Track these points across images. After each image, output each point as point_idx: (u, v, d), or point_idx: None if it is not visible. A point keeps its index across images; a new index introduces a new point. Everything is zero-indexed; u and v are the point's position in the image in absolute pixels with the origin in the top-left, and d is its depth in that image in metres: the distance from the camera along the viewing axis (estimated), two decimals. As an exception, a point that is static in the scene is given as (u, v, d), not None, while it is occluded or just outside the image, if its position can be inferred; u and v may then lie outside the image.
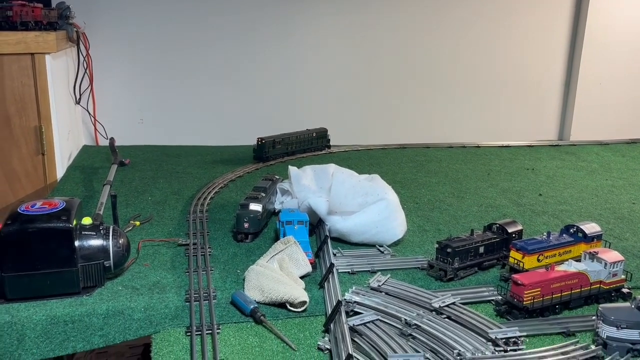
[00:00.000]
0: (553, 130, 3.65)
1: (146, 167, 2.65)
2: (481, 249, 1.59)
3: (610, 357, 1.16)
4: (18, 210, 1.38)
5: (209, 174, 2.52)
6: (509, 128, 3.56)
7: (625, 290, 1.47)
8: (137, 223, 1.90)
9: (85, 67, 2.85)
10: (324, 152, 2.99)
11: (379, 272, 1.51)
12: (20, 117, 2.28)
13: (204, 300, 1.37)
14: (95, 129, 2.98)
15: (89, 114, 2.93)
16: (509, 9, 3.41)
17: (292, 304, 1.36)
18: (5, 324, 1.26)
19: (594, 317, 1.31)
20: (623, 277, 1.46)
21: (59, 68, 2.48)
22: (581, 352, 1.16)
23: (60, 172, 2.42)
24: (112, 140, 2.65)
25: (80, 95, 2.84)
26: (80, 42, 2.77)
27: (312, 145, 2.95)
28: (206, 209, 2.07)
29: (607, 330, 1.22)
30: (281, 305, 1.38)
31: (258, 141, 2.72)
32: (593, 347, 1.21)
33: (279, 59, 3.20)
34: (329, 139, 3.04)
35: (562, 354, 1.14)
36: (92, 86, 2.93)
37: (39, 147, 2.33)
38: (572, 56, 3.55)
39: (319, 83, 3.28)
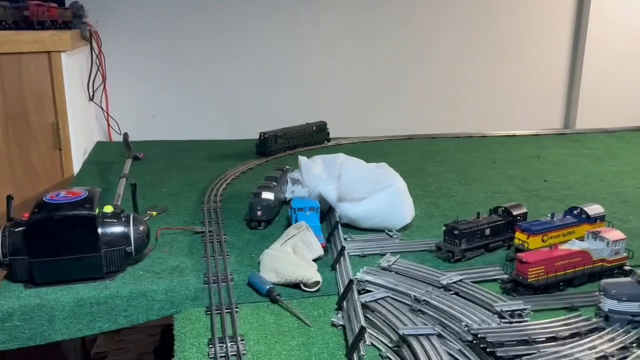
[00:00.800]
0: (558, 119, 3.68)
1: (159, 160, 2.71)
2: (487, 231, 1.64)
3: (611, 328, 1.21)
4: (44, 199, 1.45)
5: (220, 167, 2.58)
6: (514, 118, 3.59)
7: (627, 268, 1.52)
8: (154, 213, 1.97)
9: (98, 64, 2.92)
10: (324, 145, 3.01)
11: (389, 253, 1.56)
12: (38, 113, 2.36)
13: (222, 282, 1.44)
14: (109, 125, 3.06)
15: (103, 110, 3.00)
16: (514, 5, 3.45)
17: (306, 284, 1.42)
18: (36, 306, 1.33)
19: (596, 293, 1.36)
20: (625, 255, 1.51)
21: (73, 66, 2.55)
22: (584, 323, 1.21)
23: (76, 167, 2.49)
24: (126, 135, 2.72)
25: (93, 92, 2.92)
26: (93, 40, 2.83)
27: (312, 139, 2.98)
28: (219, 199, 2.13)
29: (608, 304, 1.27)
30: (295, 285, 1.44)
31: (260, 136, 2.75)
32: (595, 319, 1.26)
33: (286, 53, 3.26)
34: (329, 132, 3.06)
35: (565, 324, 1.19)
36: (104, 83, 3.00)
37: (56, 142, 2.40)
38: (577, 45, 3.58)
39: (325, 76, 3.34)
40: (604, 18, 3.48)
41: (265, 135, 2.74)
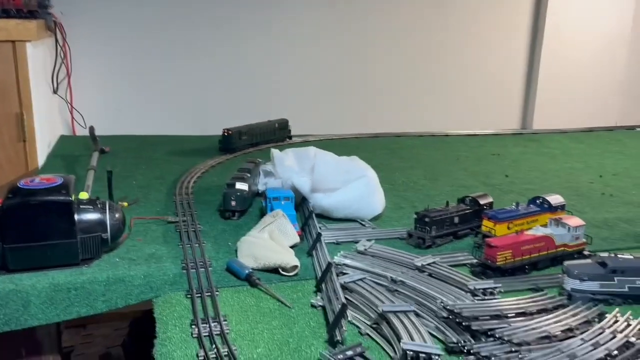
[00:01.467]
0: (516, 119, 3.83)
1: (126, 154, 2.69)
2: (456, 219, 1.71)
3: (574, 305, 1.29)
4: (18, 185, 1.43)
5: (188, 161, 2.57)
6: (475, 118, 3.72)
7: (586, 252, 1.61)
8: (125, 204, 1.95)
9: (62, 57, 2.87)
10: (286, 142, 2.99)
11: (364, 239, 1.61)
12: (1, 104, 2.30)
13: (201, 268, 1.45)
14: (73, 118, 3.00)
15: (67, 103, 2.95)
16: (475, 5, 3.57)
17: (284, 269, 1.45)
18: (10, 291, 1.31)
19: (560, 275, 1.44)
20: (584, 240, 1.60)
21: (38, 57, 2.50)
22: (550, 300, 1.29)
23: (41, 159, 2.44)
24: (92, 128, 2.68)
25: (57, 84, 2.86)
26: (58, 32, 2.79)
27: (275, 136, 2.96)
28: (191, 191, 2.13)
29: (571, 283, 1.35)
30: (274, 270, 1.47)
31: (224, 132, 2.71)
32: (559, 298, 1.34)
33: (255, 50, 3.27)
34: (290, 130, 3.05)
35: (533, 301, 1.26)
36: (69, 76, 2.95)
37: (20, 134, 2.35)
38: (534, 50, 3.74)
39: (291, 74, 3.38)
40: (559, 27, 3.65)
41: (230, 132, 2.71)
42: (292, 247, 1.60)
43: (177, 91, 3.20)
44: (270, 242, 1.53)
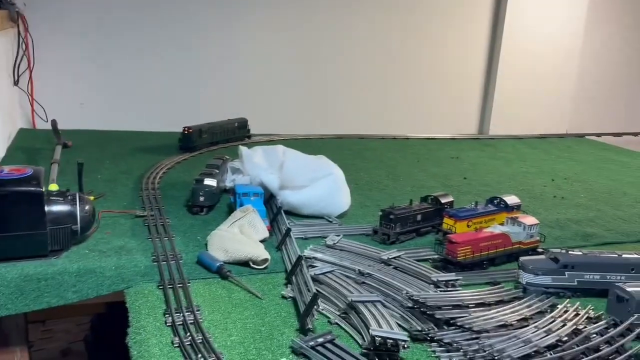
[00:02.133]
0: (473, 124, 3.97)
1: (89, 149, 2.66)
2: (419, 217, 1.79)
3: (528, 297, 1.37)
4: (-14, 175, 1.42)
5: (153, 157, 2.57)
6: (434, 122, 3.83)
7: (539, 250, 1.71)
8: (92, 198, 1.94)
9: (24, 48, 2.82)
10: (245, 142, 2.95)
11: (333, 234, 1.66)
12: (-39, 94, 2.25)
13: (171, 260, 1.47)
14: (33, 111, 2.95)
15: (28, 96, 2.90)
16: (435, 14, 3.69)
17: (254, 262, 1.49)
18: (-21, 282, 1.31)
19: (515, 270, 1.53)
20: (538, 238, 1.70)
21: (2, 47, 2.46)
22: (506, 292, 1.37)
23: (1, 152, 2.40)
24: (54, 121, 2.64)
25: (18, 76, 2.81)
26: (20, 23, 2.74)
27: (234, 135, 2.93)
28: (157, 186, 2.14)
29: (526, 277, 1.44)
30: (244, 263, 1.50)
31: (184, 130, 2.65)
32: (515, 291, 1.42)
33: (216, 49, 3.29)
34: (249, 129, 3.04)
35: (492, 293, 1.34)
36: (30, 68, 2.89)
37: (-19, 125, 2.31)
38: (492, 59, 3.89)
39: (256, 74, 3.40)
40: (515, 38, 3.82)
41: (190, 130, 2.65)
42: (261, 241, 1.64)
43: (141, 87, 3.19)
44: (241, 236, 1.57)
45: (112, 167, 2.40)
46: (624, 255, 1.48)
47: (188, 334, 1.14)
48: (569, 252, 1.48)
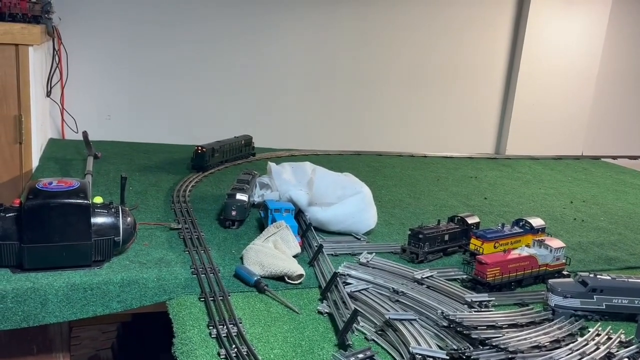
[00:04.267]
0: (490, 144, 4.01)
1: (118, 160, 2.73)
2: (446, 237, 1.83)
3: (558, 319, 1.41)
4: (37, 186, 1.48)
5: (180, 170, 2.64)
6: (452, 141, 3.88)
7: (565, 272, 1.75)
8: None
9: (57, 61, 2.90)
10: (250, 159, 2.95)
11: (365, 251, 1.71)
12: (1, 105, 2.33)
13: (210, 273, 1.52)
14: (63, 121, 3.03)
15: (60, 107, 2.97)
16: (456, 35, 3.76)
17: (290, 277, 1.54)
18: (29, 289, 1.36)
19: (543, 292, 1.57)
20: (564, 261, 1.74)
21: (37, 60, 2.53)
22: (537, 314, 1.41)
23: (35, 162, 2.47)
24: (85, 133, 2.71)
25: (51, 88, 2.89)
26: (55, 37, 2.82)
27: (241, 153, 2.90)
28: (188, 199, 2.20)
29: (555, 300, 1.48)
30: (279, 278, 1.55)
31: (198, 149, 2.60)
32: (544, 312, 1.46)
33: (243, 65, 3.36)
34: (254, 146, 3.00)
35: (523, 314, 1.38)
36: (62, 80, 2.97)
37: (17, 136, 2.38)
38: (509, 80, 3.94)
39: (282, 90, 3.47)
40: (534, 60, 3.86)
41: (203, 150, 2.60)
42: (294, 256, 1.69)
43: (170, 101, 3.26)
44: (276, 250, 1.62)
45: (141, 179, 2.46)
46: (650, 280, 1.51)
47: (233, 346, 1.19)
48: (597, 276, 1.51)
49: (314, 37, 3.47)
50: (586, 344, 1.25)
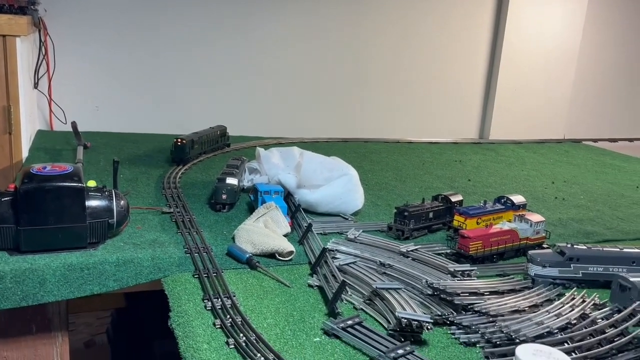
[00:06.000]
0: (474, 129, 4.09)
1: (107, 150, 2.75)
2: (431, 214, 1.89)
3: (537, 287, 1.48)
4: (31, 171, 1.51)
5: (169, 158, 2.66)
6: (436, 127, 3.95)
7: (545, 246, 1.82)
8: (118, 195, 2.04)
9: (44, 53, 2.92)
10: (226, 150, 2.88)
11: (353, 228, 1.76)
12: (-11, 96, 2.35)
13: (203, 252, 1.57)
14: (51, 113, 3.04)
15: (48, 98, 2.99)
16: (438, 23, 3.82)
17: (280, 254, 1.59)
18: (26, 270, 1.40)
19: (523, 264, 1.64)
20: (544, 234, 1.81)
21: (24, 52, 2.55)
22: (517, 282, 1.48)
23: (25, 152, 2.49)
24: (74, 123, 2.74)
25: (38, 79, 2.91)
26: (41, 28, 2.84)
27: (217, 145, 2.84)
28: (179, 185, 2.24)
29: (535, 269, 1.55)
30: (270, 255, 1.60)
31: (177, 142, 2.51)
32: (524, 281, 1.53)
33: (231, 54, 3.39)
34: (229, 137, 2.95)
35: (503, 283, 1.45)
36: (48, 72, 2.99)
37: (7, 126, 2.40)
38: (492, 66, 4.01)
39: (269, 79, 3.51)
40: (515, 45, 3.93)
41: (183, 141, 2.51)
42: (284, 236, 1.74)
43: (157, 91, 3.28)
44: (267, 230, 1.67)
45: (131, 167, 2.49)
46: (625, 250, 1.59)
47: (228, 316, 1.24)
48: (575, 246, 1.58)
49: (301, 26, 3.51)
50: (562, 307, 1.32)
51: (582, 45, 4.13)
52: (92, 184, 1.60)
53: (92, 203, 1.55)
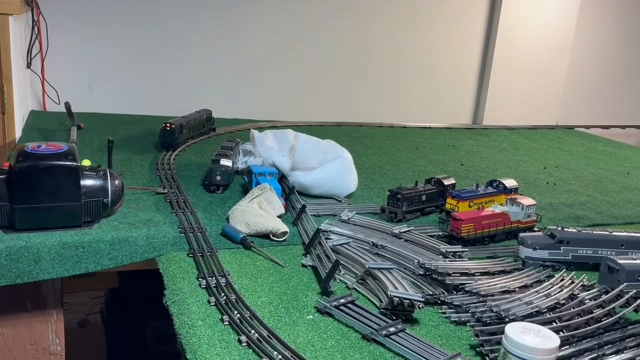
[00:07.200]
0: (468, 115, 4.10)
1: (101, 131, 2.75)
2: (424, 197, 1.91)
3: (527, 269, 1.50)
4: (26, 149, 1.51)
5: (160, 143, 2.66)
6: (431, 112, 3.96)
7: (535, 229, 1.84)
8: (112, 176, 2.04)
9: (37, 32, 2.89)
10: (211, 135, 2.83)
11: (347, 210, 1.78)
12: (-18, 75, 2.33)
13: (197, 232, 1.58)
14: (44, 93, 3.02)
15: (40, 78, 2.97)
16: (433, 8, 3.81)
17: (274, 234, 1.60)
18: (22, 248, 1.40)
19: (514, 247, 1.66)
20: (535, 218, 1.83)
21: (17, 30, 2.53)
22: (508, 264, 1.50)
23: (18, 132, 2.48)
24: (67, 104, 2.72)
25: (31, 59, 2.88)
26: (34, 7, 2.81)
27: (203, 129, 2.78)
28: (173, 166, 2.24)
29: (525, 251, 1.57)
30: (265, 236, 1.62)
31: (165, 126, 2.42)
32: (514, 263, 1.55)
33: (221, 37, 3.37)
34: (214, 121, 2.89)
35: (494, 264, 1.47)
36: (41, 51, 2.97)
37: (0, 106, 2.38)
38: (486, 53, 4.02)
39: (262, 63, 3.50)
40: (510, 32, 3.95)
41: (172, 126, 2.43)
42: (278, 217, 1.75)
43: (151, 72, 3.27)
44: (261, 210, 1.68)
45: (125, 148, 2.49)
46: (614, 233, 1.61)
47: (222, 294, 1.25)
48: (565, 229, 1.61)
49: (297, 9, 3.50)
50: (551, 287, 1.34)
51: (577, 32, 4.14)
52: (86, 163, 1.60)
53: (86, 182, 1.55)
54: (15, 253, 1.39)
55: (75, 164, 1.51)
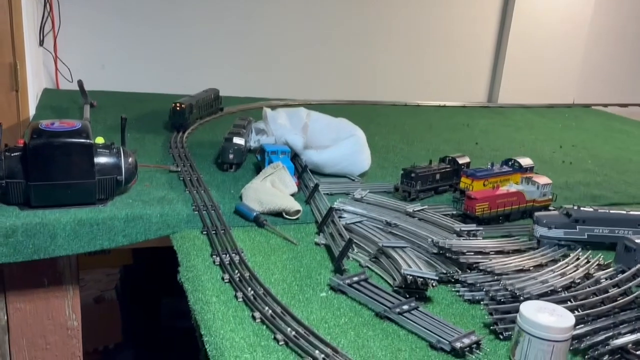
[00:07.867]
0: (483, 93, 4.05)
1: (114, 109, 2.74)
2: (438, 176, 1.89)
3: (542, 248, 1.49)
4: (40, 127, 1.51)
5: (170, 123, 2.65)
6: (445, 90, 3.91)
7: (551, 208, 1.82)
8: (125, 153, 2.04)
9: (49, 9, 2.88)
10: (219, 115, 2.77)
11: (360, 188, 1.77)
12: (-4, 52, 2.33)
13: (211, 210, 1.58)
14: (57, 71, 3.03)
15: (53, 56, 2.97)
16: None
17: (287, 213, 1.60)
18: (37, 224, 1.42)
19: (529, 226, 1.64)
20: (550, 197, 1.81)
21: (30, 7, 2.52)
22: (523, 243, 1.49)
23: (32, 110, 2.49)
24: (80, 82, 2.72)
25: (43, 37, 2.88)
26: (45, -16, 2.80)
27: (212, 109, 2.71)
28: (185, 144, 2.24)
29: (540, 230, 1.55)
30: (277, 214, 1.61)
31: (175, 106, 2.35)
32: (529, 242, 1.54)
33: (237, 15, 3.34)
34: (221, 100, 2.83)
35: (508, 243, 1.46)
36: (54, 29, 2.96)
37: (13, 83, 2.39)
38: (502, 29, 3.95)
39: (275, 40, 3.47)
40: (527, 7, 3.86)
41: (182, 106, 2.35)
42: (291, 195, 1.75)
43: (165, 49, 3.25)
44: (274, 189, 1.68)
45: (138, 125, 2.48)
46: (631, 212, 1.59)
47: (236, 271, 1.26)
48: (581, 208, 1.59)
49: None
50: (567, 266, 1.33)
51: (595, 9, 4.05)
52: (100, 140, 1.60)
53: (100, 160, 1.55)
54: (31, 229, 1.41)
55: (88, 141, 1.51)
